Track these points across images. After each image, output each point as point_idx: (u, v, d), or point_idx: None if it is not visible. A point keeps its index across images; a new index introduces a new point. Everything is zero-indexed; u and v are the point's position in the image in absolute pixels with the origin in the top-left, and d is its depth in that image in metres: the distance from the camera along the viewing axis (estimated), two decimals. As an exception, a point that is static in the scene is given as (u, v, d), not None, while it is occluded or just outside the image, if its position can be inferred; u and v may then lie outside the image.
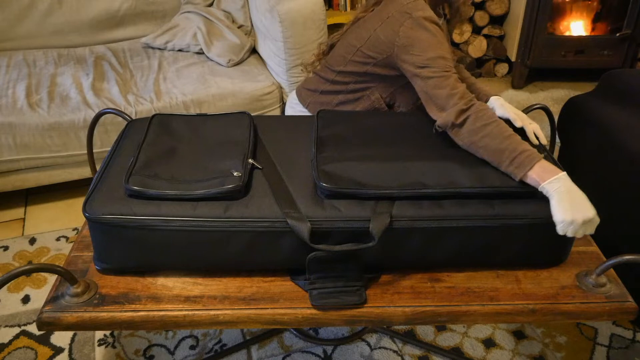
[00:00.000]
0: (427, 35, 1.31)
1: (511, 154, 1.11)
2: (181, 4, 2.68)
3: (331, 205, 1.10)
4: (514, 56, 3.15)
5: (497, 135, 1.15)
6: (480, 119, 1.18)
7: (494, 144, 1.14)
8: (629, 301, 1.10)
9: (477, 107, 1.20)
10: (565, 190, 1.07)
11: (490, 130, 1.16)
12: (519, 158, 1.10)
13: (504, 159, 1.12)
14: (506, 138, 1.14)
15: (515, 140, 1.14)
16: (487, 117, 1.18)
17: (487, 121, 1.18)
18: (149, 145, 1.23)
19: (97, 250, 1.13)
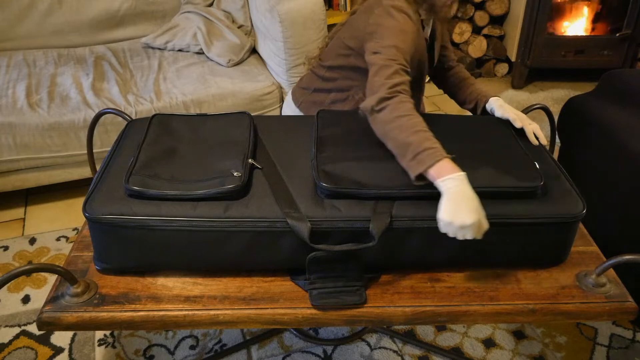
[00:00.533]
0: (391, 23, 1.29)
1: (415, 149, 1.08)
2: (181, 4, 2.68)
3: (331, 205, 1.10)
4: (514, 56, 3.15)
5: (407, 128, 1.12)
6: (397, 110, 1.15)
7: (402, 136, 1.11)
8: (629, 301, 1.10)
9: (398, 99, 1.17)
10: (456, 191, 1.04)
11: (401, 123, 1.13)
12: (421, 154, 1.07)
13: (407, 153, 1.09)
14: (414, 133, 1.10)
15: (423, 136, 1.10)
16: (404, 110, 1.15)
17: (402, 114, 1.14)
18: (149, 145, 1.23)
19: (97, 250, 1.13)
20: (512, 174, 1.13)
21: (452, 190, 1.04)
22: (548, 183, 1.15)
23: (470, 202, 1.03)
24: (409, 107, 1.16)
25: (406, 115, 1.14)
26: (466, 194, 1.04)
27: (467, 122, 1.40)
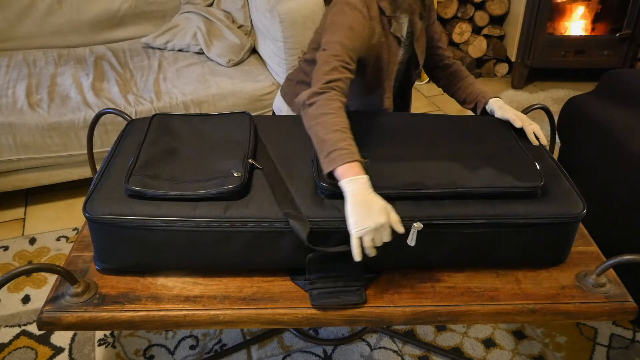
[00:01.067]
0: (341, 19, 1.29)
1: (330, 148, 1.08)
2: (181, 4, 2.68)
3: (331, 205, 1.10)
4: (514, 56, 3.15)
5: (328, 126, 1.12)
6: (323, 107, 1.15)
7: (322, 133, 1.12)
8: (629, 301, 1.10)
9: (328, 96, 1.17)
10: (358, 193, 1.03)
11: (324, 120, 1.13)
12: (334, 153, 1.07)
13: (323, 150, 1.10)
14: (333, 132, 1.11)
15: (339, 136, 1.10)
16: (330, 107, 1.15)
17: (328, 111, 1.14)
18: (149, 145, 1.23)
19: (97, 250, 1.13)
20: (512, 174, 1.13)
21: (354, 193, 1.04)
22: (548, 183, 1.15)
23: (377, 203, 1.03)
24: (336, 105, 1.16)
25: (330, 113, 1.14)
26: (369, 196, 1.04)
27: (467, 122, 1.40)
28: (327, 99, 1.16)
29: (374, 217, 1.01)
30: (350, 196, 1.04)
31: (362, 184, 1.04)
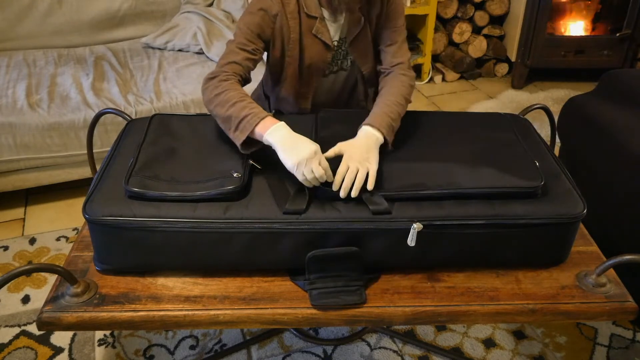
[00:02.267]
0: (249, 5, 1.33)
1: (235, 120, 1.12)
2: (181, 4, 2.68)
3: (331, 207, 1.09)
4: (514, 56, 3.15)
5: (225, 103, 1.15)
6: (216, 88, 1.18)
7: (222, 112, 1.15)
8: (629, 301, 1.10)
9: (219, 78, 1.21)
10: (282, 136, 1.09)
11: (220, 100, 1.16)
12: (242, 123, 1.11)
13: (231, 125, 1.13)
14: (231, 105, 1.14)
15: (239, 107, 1.14)
16: (222, 87, 1.18)
17: (220, 91, 1.17)
18: (148, 146, 1.23)
19: (97, 251, 1.13)
20: (512, 174, 1.13)
21: (280, 140, 1.08)
22: (549, 182, 1.15)
23: (301, 139, 1.09)
24: (227, 84, 1.19)
25: (223, 91, 1.17)
26: (293, 137, 1.09)
27: (468, 119, 1.40)
28: (220, 80, 1.21)
29: (303, 151, 1.06)
30: (278, 144, 1.08)
31: (283, 129, 1.10)
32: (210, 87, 1.20)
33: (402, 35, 1.42)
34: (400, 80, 1.35)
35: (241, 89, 1.20)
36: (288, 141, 1.08)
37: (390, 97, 1.30)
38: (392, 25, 1.39)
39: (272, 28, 1.31)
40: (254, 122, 1.10)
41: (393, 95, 1.30)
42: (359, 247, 1.09)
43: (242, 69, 1.27)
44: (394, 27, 1.40)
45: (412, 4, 3.02)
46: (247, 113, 1.12)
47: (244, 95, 1.17)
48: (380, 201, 1.09)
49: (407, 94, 1.33)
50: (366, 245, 1.09)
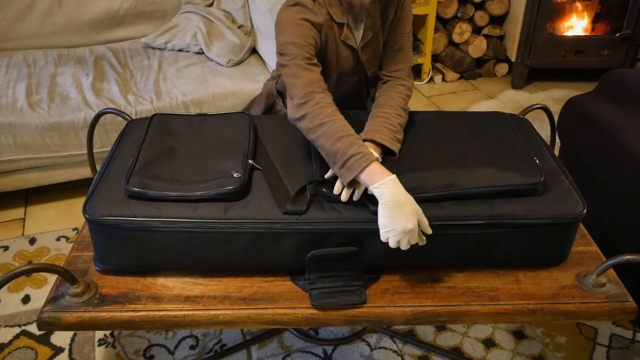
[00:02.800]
0: (286, 17, 1.25)
1: (342, 157, 1.07)
2: (181, 4, 2.68)
3: (331, 207, 1.10)
4: (514, 56, 3.15)
5: (331, 136, 1.10)
6: (317, 117, 1.12)
7: (327, 145, 1.10)
8: (629, 301, 1.10)
9: (314, 103, 1.14)
10: (390, 196, 1.02)
11: (324, 131, 1.11)
12: (349, 162, 1.06)
13: (336, 161, 1.09)
14: (338, 140, 1.09)
15: (347, 142, 1.08)
16: (323, 115, 1.12)
17: (323, 120, 1.12)
18: (149, 146, 1.23)
19: (97, 251, 1.13)
20: (511, 172, 1.14)
21: (386, 196, 1.03)
22: (548, 182, 1.15)
23: (407, 207, 1.02)
24: (328, 111, 1.13)
25: (327, 121, 1.11)
26: (401, 199, 1.03)
27: (468, 118, 1.40)
28: (316, 107, 1.14)
29: (402, 222, 1.01)
30: (382, 200, 1.03)
31: (393, 185, 1.04)
32: (309, 116, 1.13)
33: (408, 42, 1.42)
34: (398, 91, 1.36)
35: (343, 118, 1.13)
36: (395, 202, 1.02)
37: (388, 109, 1.30)
38: (401, 31, 1.40)
39: (318, 38, 1.27)
40: (362, 164, 1.05)
41: (392, 108, 1.31)
42: (359, 247, 1.09)
43: (324, 84, 1.19)
44: (402, 33, 1.40)
45: (412, 4, 3.02)
46: (355, 152, 1.06)
47: (349, 127, 1.11)
48: None
49: (404, 104, 1.34)
50: (366, 245, 1.10)
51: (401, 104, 1.33)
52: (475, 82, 3.26)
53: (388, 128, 1.24)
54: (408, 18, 1.40)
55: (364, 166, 1.05)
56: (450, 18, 3.24)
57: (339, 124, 1.12)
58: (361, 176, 1.05)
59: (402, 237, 1.03)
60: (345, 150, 1.07)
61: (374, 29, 1.36)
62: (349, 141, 1.09)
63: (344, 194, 1.09)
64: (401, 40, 1.40)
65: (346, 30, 1.33)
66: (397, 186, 1.04)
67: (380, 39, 1.39)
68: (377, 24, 1.35)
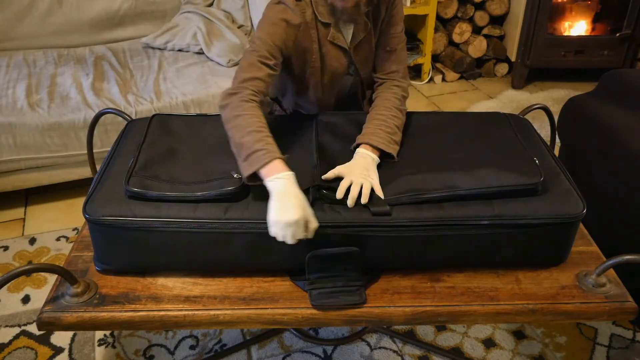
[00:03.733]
0: (268, 14, 1.28)
1: (247, 151, 1.08)
2: (181, 4, 2.68)
3: (331, 208, 1.09)
4: (514, 56, 3.15)
5: (242, 128, 1.11)
6: (236, 109, 1.14)
7: (237, 137, 1.11)
8: (628, 301, 1.10)
9: (240, 96, 1.16)
10: (280, 189, 1.03)
11: (238, 123, 1.12)
12: (252, 156, 1.07)
13: (241, 153, 1.09)
14: (248, 134, 1.10)
15: (256, 137, 1.09)
16: (242, 108, 1.14)
17: (239, 113, 1.13)
18: (149, 146, 1.23)
19: (97, 251, 1.13)
20: (511, 172, 1.14)
21: (277, 189, 1.04)
22: (548, 182, 1.15)
23: (295, 199, 1.02)
24: (249, 105, 1.15)
25: (243, 114, 1.13)
26: (291, 192, 1.03)
27: (467, 119, 1.40)
28: (240, 100, 1.15)
29: (286, 214, 1.01)
30: (271, 194, 1.04)
31: (287, 180, 1.05)
32: (232, 104, 1.15)
33: (401, 43, 1.40)
34: (394, 92, 1.35)
35: (261, 115, 1.14)
36: (282, 197, 1.03)
37: (384, 111, 1.30)
38: (393, 31, 1.38)
39: (295, 40, 1.28)
40: (264, 160, 1.06)
41: (387, 109, 1.30)
42: (359, 247, 1.09)
43: (264, 85, 1.21)
44: (394, 33, 1.39)
45: (412, 4, 3.02)
46: (259, 148, 1.07)
47: (263, 124, 1.13)
48: (380, 202, 1.09)
49: (400, 105, 1.34)
50: (366, 245, 1.10)
51: (397, 104, 1.32)
52: (475, 82, 3.26)
53: (384, 130, 1.24)
54: (398, 17, 1.38)
55: (265, 162, 1.06)
56: (450, 18, 3.24)
57: (253, 119, 1.12)
58: (261, 171, 1.06)
59: (286, 230, 1.01)
60: (251, 144, 1.08)
61: (365, 29, 1.35)
62: (257, 137, 1.10)
63: (350, 200, 1.09)
64: (393, 41, 1.39)
65: (333, 31, 1.32)
66: (290, 182, 1.05)
67: (373, 40, 1.39)
68: (366, 24, 1.34)
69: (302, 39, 1.29)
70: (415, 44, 3.18)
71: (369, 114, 1.32)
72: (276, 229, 1.02)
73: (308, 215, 1.03)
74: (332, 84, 1.41)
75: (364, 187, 1.10)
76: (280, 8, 1.27)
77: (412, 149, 1.27)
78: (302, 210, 1.02)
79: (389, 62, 1.39)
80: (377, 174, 1.17)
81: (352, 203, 1.08)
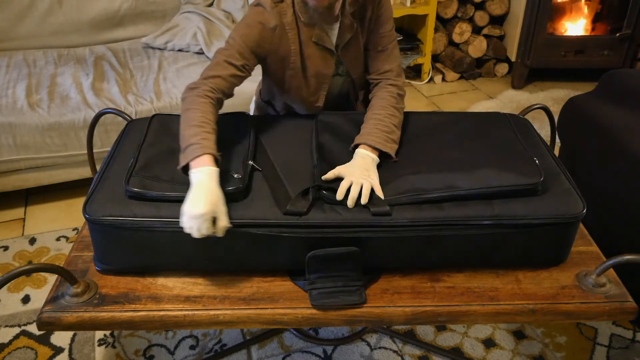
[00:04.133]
0: (246, 15, 1.30)
1: (184, 143, 1.12)
2: (181, 4, 2.68)
3: (331, 209, 1.09)
4: (514, 56, 3.15)
5: (187, 121, 1.15)
6: (190, 103, 1.18)
7: (182, 129, 1.15)
8: (628, 301, 1.10)
9: (197, 92, 1.20)
10: (198, 182, 1.05)
11: (186, 116, 1.16)
12: (188, 149, 1.10)
13: (181, 145, 1.13)
14: (190, 127, 1.13)
15: (195, 131, 1.12)
16: (194, 103, 1.18)
17: (190, 107, 1.17)
18: (149, 146, 1.23)
19: (97, 251, 1.13)
20: (511, 172, 1.13)
21: (195, 182, 1.05)
22: (548, 182, 1.15)
23: (208, 194, 1.03)
24: (201, 100, 1.18)
25: (191, 108, 1.17)
26: (206, 186, 1.04)
27: (467, 119, 1.40)
28: (196, 95, 1.20)
29: (194, 207, 1.01)
30: (191, 185, 1.05)
31: (208, 174, 1.06)
32: (188, 99, 1.20)
33: (392, 42, 1.39)
34: (389, 91, 1.34)
35: (209, 112, 1.18)
36: (197, 190, 1.04)
37: (380, 110, 1.30)
38: (382, 30, 1.37)
39: (270, 42, 1.29)
40: (195, 153, 1.09)
41: (383, 109, 1.30)
42: (359, 247, 1.09)
43: (226, 84, 1.25)
44: (383, 33, 1.37)
45: (412, 4, 3.02)
46: (195, 142, 1.10)
47: (207, 120, 1.15)
48: (380, 203, 1.09)
49: (396, 103, 1.33)
50: (366, 245, 1.09)
51: (393, 103, 1.32)
52: (475, 82, 3.26)
53: (381, 130, 1.24)
54: (387, 16, 1.37)
55: (196, 155, 1.08)
56: (450, 18, 3.24)
57: (199, 114, 1.16)
58: (191, 163, 1.08)
59: (192, 222, 1.01)
60: (189, 138, 1.11)
61: (352, 29, 1.34)
62: (196, 131, 1.12)
63: (350, 200, 1.09)
64: (384, 41, 1.38)
65: (318, 31, 1.31)
66: (209, 177, 1.06)
67: (360, 40, 1.38)
68: (352, 25, 1.33)
69: (279, 41, 1.30)
70: (415, 44, 3.18)
71: (366, 115, 1.32)
72: (184, 219, 1.03)
73: (218, 213, 1.03)
74: (319, 85, 1.40)
75: (364, 188, 1.10)
76: (258, 10, 1.28)
77: (412, 149, 1.27)
78: (212, 205, 1.02)
79: (382, 62, 1.38)
80: (377, 174, 1.17)
81: (352, 203, 1.08)
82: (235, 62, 1.25)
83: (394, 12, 1.58)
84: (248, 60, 1.27)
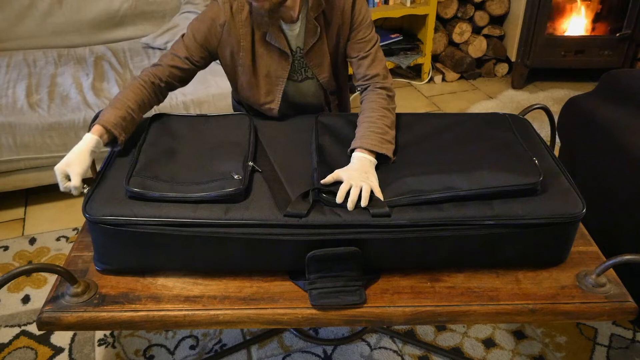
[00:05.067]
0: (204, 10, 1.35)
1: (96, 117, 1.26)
2: (181, 4, 2.68)
3: (331, 210, 1.09)
4: (514, 56, 3.15)
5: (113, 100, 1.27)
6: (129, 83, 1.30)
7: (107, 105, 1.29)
8: (628, 301, 1.10)
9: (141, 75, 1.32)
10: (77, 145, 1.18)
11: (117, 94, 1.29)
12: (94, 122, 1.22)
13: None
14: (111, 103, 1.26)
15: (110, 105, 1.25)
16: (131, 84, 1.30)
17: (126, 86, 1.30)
18: (149, 146, 1.23)
19: (98, 251, 1.13)
20: (510, 172, 1.13)
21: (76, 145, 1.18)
22: (548, 182, 1.15)
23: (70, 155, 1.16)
24: (136, 83, 1.30)
25: (124, 90, 1.29)
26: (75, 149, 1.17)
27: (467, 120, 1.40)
28: (133, 78, 1.32)
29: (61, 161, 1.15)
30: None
31: (83, 140, 1.18)
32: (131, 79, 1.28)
33: (374, 46, 1.38)
34: (378, 94, 1.34)
35: (137, 92, 1.28)
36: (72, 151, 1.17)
37: (371, 113, 1.30)
38: (361, 36, 1.37)
39: (219, 39, 1.32)
40: (94, 123, 1.21)
41: (374, 111, 1.30)
42: (359, 248, 1.09)
43: (165, 72, 1.33)
44: (363, 39, 1.37)
45: (412, 4, 3.02)
46: (102, 114, 1.23)
47: (128, 98, 1.26)
48: (380, 204, 1.09)
49: (387, 104, 1.32)
50: (366, 246, 1.10)
51: (384, 105, 1.32)
52: (475, 82, 3.26)
53: (374, 132, 1.24)
54: (364, 23, 1.36)
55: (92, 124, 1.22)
56: (450, 18, 3.24)
57: (123, 94, 1.27)
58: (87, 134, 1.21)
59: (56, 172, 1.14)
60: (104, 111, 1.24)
61: (315, 34, 1.34)
62: (110, 105, 1.25)
63: (350, 203, 1.09)
64: (365, 46, 1.37)
65: (272, 31, 1.31)
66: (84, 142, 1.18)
67: (325, 45, 1.38)
68: (315, 29, 1.33)
69: (227, 37, 1.33)
70: (415, 44, 3.18)
71: (359, 119, 1.32)
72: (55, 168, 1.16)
73: (70, 172, 1.14)
74: (272, 86, 1.39)
75: (363, 190, 1.10)
76: (212, 5, 1.33)
77: (412, 150, 1.27)
78: (65, 165, 1.15)
79: (367, 68, 1.38)
80: (376, 176, 1.17)
81: (352, 206, 1.08)
82: (180, 54, 1.34)
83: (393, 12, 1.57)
84: (194, 53, 1.34)
